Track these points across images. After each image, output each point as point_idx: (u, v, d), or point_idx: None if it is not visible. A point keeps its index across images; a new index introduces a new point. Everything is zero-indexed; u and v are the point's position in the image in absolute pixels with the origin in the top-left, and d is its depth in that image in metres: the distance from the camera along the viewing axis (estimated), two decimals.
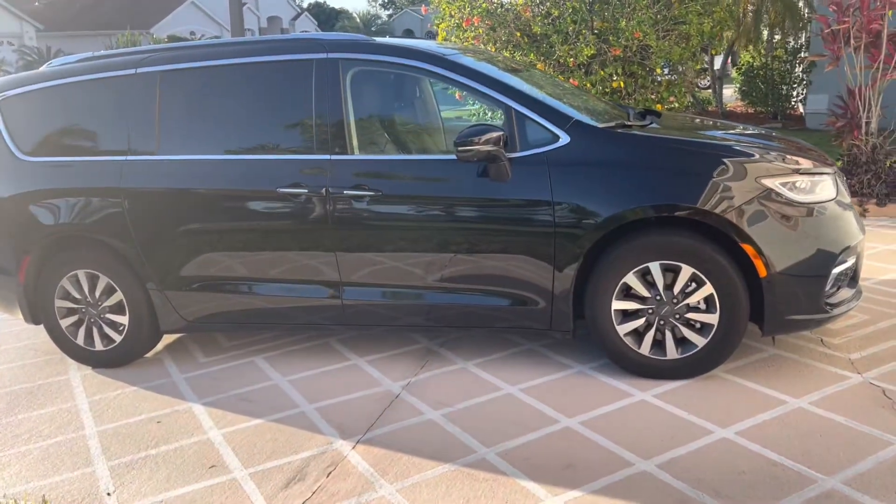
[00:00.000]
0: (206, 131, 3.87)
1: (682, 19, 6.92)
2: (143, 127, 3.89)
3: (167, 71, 3.92)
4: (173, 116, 3.89)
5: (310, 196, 3.62)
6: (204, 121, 3.88)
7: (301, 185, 3.63)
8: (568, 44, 6.74)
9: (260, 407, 3.52)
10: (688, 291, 3.36)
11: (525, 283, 3.50)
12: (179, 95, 3.90)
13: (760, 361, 3.63)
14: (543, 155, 3.42)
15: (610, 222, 3.33)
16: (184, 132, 3.88)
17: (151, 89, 3.91)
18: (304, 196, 3.63)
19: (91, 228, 3.93)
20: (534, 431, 3.11)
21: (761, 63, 13.64)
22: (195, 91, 3.91)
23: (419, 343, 4.16)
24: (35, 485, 2.98)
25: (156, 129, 3.88)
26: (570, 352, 3.89)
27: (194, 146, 3.85)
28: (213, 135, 3.85)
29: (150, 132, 3.88)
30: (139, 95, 3.92)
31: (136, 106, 3.92)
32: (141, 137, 3.89)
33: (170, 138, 3.86)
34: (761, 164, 3.35)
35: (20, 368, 4.20)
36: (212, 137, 3.85)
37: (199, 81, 3.91)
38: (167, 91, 3.89)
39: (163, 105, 3.88)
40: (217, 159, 3.80)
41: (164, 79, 3.90)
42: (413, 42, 4.17)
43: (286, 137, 3.79)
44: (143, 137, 3.89)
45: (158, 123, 3.88)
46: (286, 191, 3.65)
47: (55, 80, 4.13)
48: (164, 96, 3.89)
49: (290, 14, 47.00)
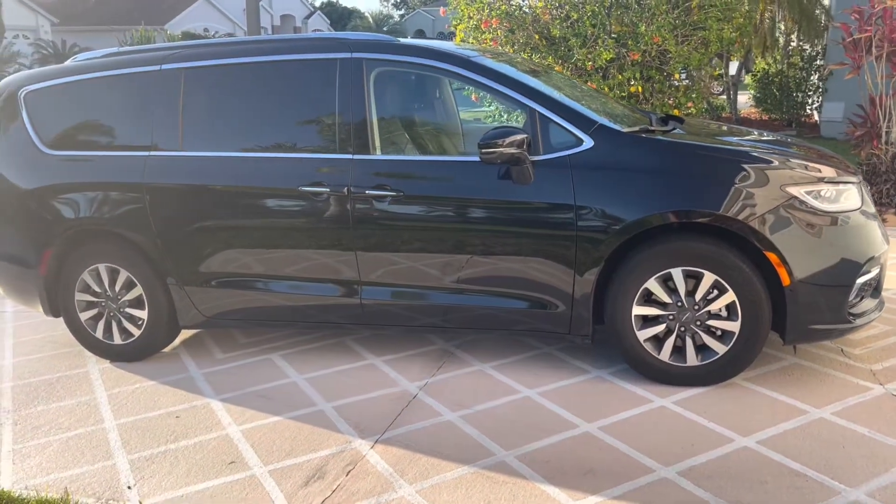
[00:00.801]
0: (229, 128, 3.88)
1: (702, 25, 6.90)
2: (167, 123, 3.91)
3: (191, 68, 3.93)
4: (196, 113, 3.90)
5: (331, 195, 3.63)
6: (227, 118, 3.89)
7: (322, 183, 3.64)
8: (586, 47, 6.73)
9: (278, 404, 3.52)
10: (709, 298, 3.35)
11: (545, 286, 3.49)
12: (203, 92, 3.92)
13: (781, 370, 3.62)
14: (567, 158, 3.42)
15: (632, 227, 3.32)
16: (207, 129, 3.89)
17: (175, 86, 3.92)
18: (326, 195, 3.64)
19: (112, 223, 3.95)
20: (553, 435, 3.11)
21: (777, 70, 13.59)
22: (219, 88, 3.92)
23: (435, 344, 4.16)
24: (56, 476, 2.99)
25: (179, 126, 3.89)
26: (587, 356, 3.88)
27: (217, 143, 3.86)
28: (235, 132, 3.87)
29: (174, 128, 3.89)
30: (163, 92, 3.93)
31: (160, 102, 3.94)
32: (164, 133, 3.90)
33: (193, 135, 3.88)
34: (786, 172, 3.33)
35: (39, 361, 4.22)
36: (234, 135, 3.86)
37: (223, 79, 3.92)
38: (191, 88, 3.91)
39: (186, 102, 3.90)
40: (238, 156, 3.81)
41: (188, 76, 3.92)
42: (436, 43, 4.17)
43: (308, 136, 3.80)
44: (166, 133, 3.90)
45: (182, 120, 3.89)
46: (308, 189, 3.66)
47: (79, 75, 4.15)
48: (188, 93, 3.90)
49: (303, 12, 47.11)
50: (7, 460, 3.14)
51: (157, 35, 28.90)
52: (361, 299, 3.76)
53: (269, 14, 41.25)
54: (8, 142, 4.19)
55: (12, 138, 4.18)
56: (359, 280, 3.74)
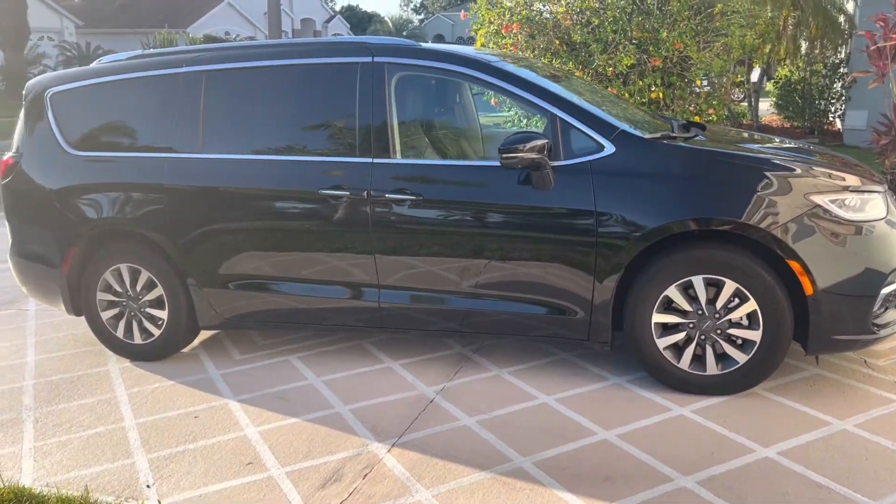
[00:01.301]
0: (250, 131, 3.90)
1: (724, 31, 6.85)
2: (187, 125, 3.94)
3: (211, 70, 3.96)
4: (217, 116, 3.93)
5: (351, 198, 3.64)
6: (248, 121, 3.92)
7: (342, 187, 3.65)
8: (607, 53, 6.70)
9: (295, 406, 3.53)
10: (731, 307, 3.32)
11: (564, 292, 3.48)
12: (224, 95, 3.94)
13: (803, 381, 3.58)
14: (587, 164, 3.41)
15: (653, 234, 3.30)
16: (227, 131, 3.92)
17: (196, 89, 3.95)
18: (346, 198, 3.65)
19: (135, 223, 3.99)
20: (570, 442, 3.09)
21: (799, 77, 13.46)
22: (240, 91, 3.95)
23: (452, 348, 4.15)
24: (76, 474, 3.02)
25: (199, 128, 3.92)
26: (605, 363, 3.86)
27: (236, 146, 3.88)
28: (255, 135, 3.89)
29: (194, 131, 3.92)
30: (184, 94, 3.97)
31: (181, 104, 3.97)
32: (184, 136, 3.93)
33: (213, 137, 3.91)
34: (809, 180, 3.30)
35: (60, 359, 4.27)
36: (254, 137, 3.88)
37: (244, 82, 3.95)
38: (211, 90, 3.94)
39: (206, 104, 3.93)
40: (258, 159, 3.84)
41: (209, 78, 3.95)
42: (457, 48, 4.18)
43: (329, 139, 3.82)
44: (187, 136, 3.93)
45: (202, 122, 3.92)
46: (327, 192, 3.67)
47: (104, 77, 4.20)
48: (208, 96, 3.93)
49: (324, 17, 47.38)
50: (28, 457, 3.18)
51: (179, 38, 29.19)
52: (380, 302, 3.76)
53: (290, 18, 41.52)
54: (34, 142, 4.25)
55: (38, 139, 4.24)
56: (377, 283, 3.74)
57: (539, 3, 7.58)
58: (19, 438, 3.34)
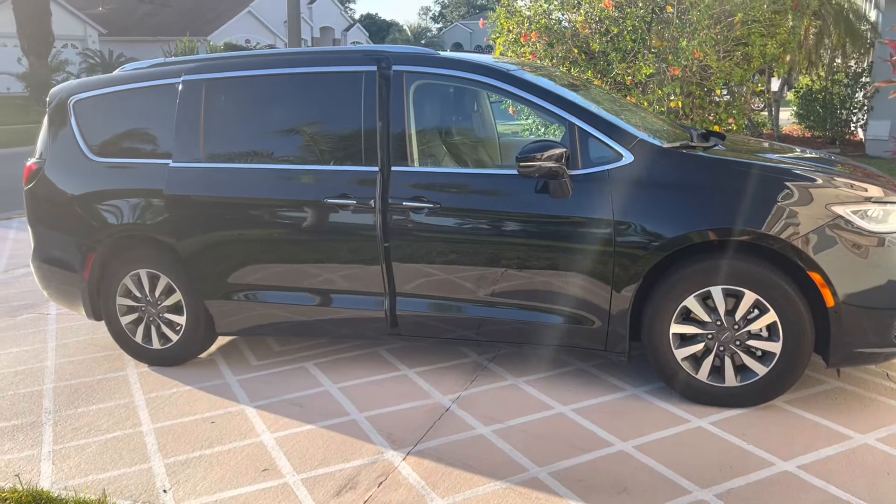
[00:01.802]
0: (261, 140, 3.92)
1: (744, 40, 6.82)
2: (190, 133, 3.96)
3: (218, 79, 3.97)
4: (224, 123, 3.95)
5: (367, 207, 3.64)
6: (260, 130, 3.93)
7: (359, 196, 3.65)
8: (626, 62, 6.69)
9: (311, 413, 3.54)
10: (750, 318, 3.29)
11: (581, 301, 3.46)
12: (238, 103, 3.96)
13: (823, 394, 3.53)
14: (606, 173, 3.39)
15: (672, 244, 3.28)
16: (245, 139, 3.93)
17: (197, 97, 3.97)
18: (361, 207, 3.65)
19: (153, 229, 4.02)
20: (587, 453, 3.07)
21: (820, 86, 13.34)
22: (256, 99, 3.96)
23: (468, 357, 4.14)
24: (94, 478, 3.04)
25: (200, 135, 3.94)
26: (622, 373, 3.83)
27: (246, 155, 3.89)
28: (264, 144, 3.90)
29: (218, 138, 3.94)
30: (187, 102, 3.99)
31: (185, 112, 3.99)
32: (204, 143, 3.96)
33: (214, 144, 3.92)
34: (831, 191, 3.27)
35: (80, 363, 4.31)
36: (264, 146, 3.90)
37: (261, 89, 3.96)
38: (220, 98, 3.95)
39: (207, 110, 3.95)
40: (273, 168, 3.84)
41: (208, 86, 3.97)
42: (476, 56, 4.18)
43: (347, 147, 3.82)
44: (195, 143, 3.95)
45: (203, 130, 3.94)
46: (336, 201, 3.67)
47: (124, 85, 4.25)
48: (210, 103, 3.95)
49: (343, 25, 47.71)
50: (47, 461, 3.20)
51: (200, 46, 29.51)
52: (396, 310, 3.76)
53: (310, 26, 41.85)
54: (57, 148, 4.30)
55: (61, 145, 4.29)
56: (393, 291, 3.74)
57: (558, 12, 7.59)
58: (38, 442, 3.37)
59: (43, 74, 24.90)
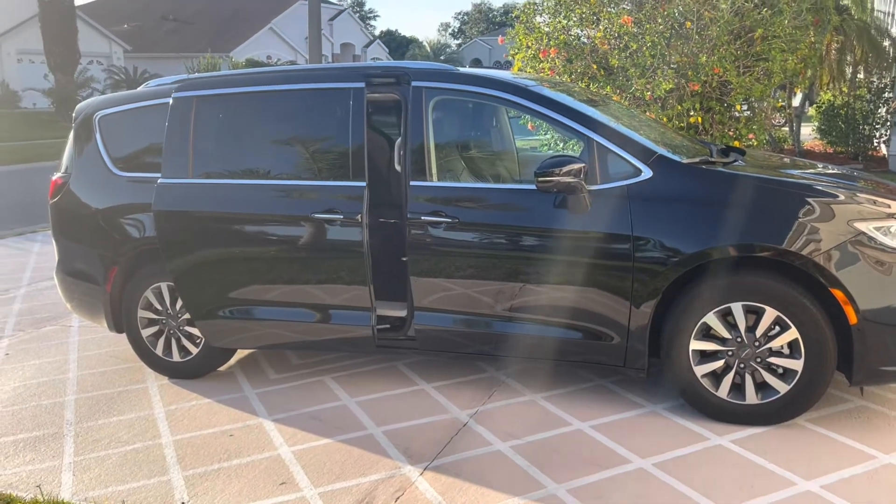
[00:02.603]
0: (248, 157, 3.95)
1: (765, 55, 6.78)
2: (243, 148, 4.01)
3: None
4: (209, 140, 4.00)
5: (354, 221, 3.64)
6: (247, 146, 3.97)
7: (346, 210, 3.66)
8: (645, 77, 6.68)
9: (329, 427, 3.55)
10: (771, 335, 3.25)
11: (600, 317, 3.45)
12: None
13: (846, 412, 3.48)
14: (625, 188, 3.39)
15: (692, 260, 3.26)
16: (223, 157, 3.98)
17: (186, 114, 4.01)
18: (348, 221, 3.65)
19: None
20: (605, 470, 3.04)
21: (842, 102, 13.25)
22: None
23: (486, 372, 4.13)
24: (114, 489, 3.07)
25: (186, 152, 3.99)
26: (640, 390, 3.80)
27: (233, 172, 3.93)
28: (251, 160, 3.94)
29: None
30: (175, 119, 4.03)
31: (175, 128, 4.03)
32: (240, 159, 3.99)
33: (202, 161, 3.98)
34: (853, 207, 3.24)
35: (101, 375, 4.35)
36: (251, 162, 3.93)
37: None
38: (203, 115, 4.00)
39: (196, 129, 3.99)
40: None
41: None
42: (494, 72, 4.21)
43: (333, 163, 3.83)
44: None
45: (192, 147, 3.99)
46: (323, 216, 3.69)
47: (147, 101, 4.31)
48: (197, 121, 4.00)
49: (363, 41, 48.15)
50: (68, 471, 3.23)
51: (223, 62, 29.92)
52: (413, 325, 3.77)
53: (330, 42, 42.28)
54: (82, 163, 4.38)
55: (87, 159, 4.37)
56: (411, 305, 3.75)
57: (577, 28, 7.61)
58: (60, 453, 3.41)
59: (69, 90, 25.37)
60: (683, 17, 7.00)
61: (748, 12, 6.69)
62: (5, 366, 4.55)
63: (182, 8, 40.32)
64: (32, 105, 28.49)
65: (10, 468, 3.28)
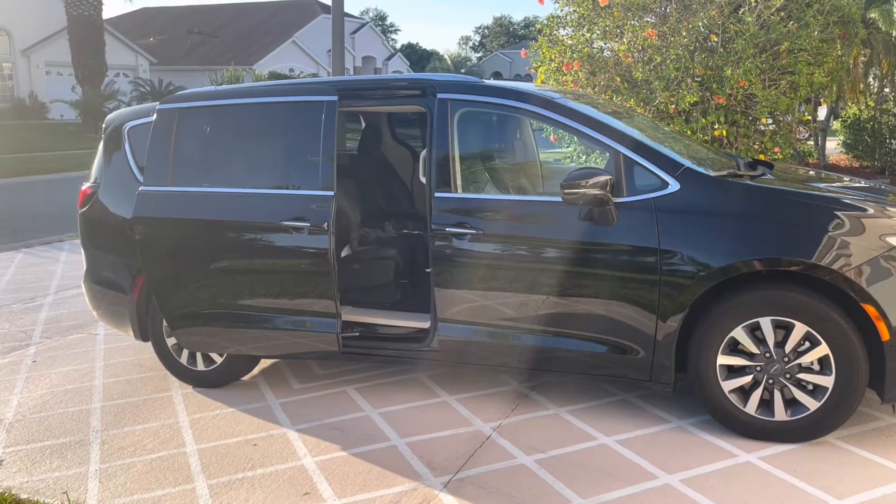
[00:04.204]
0: (246, 166, 4.00)
1: (791, 69, 6.73)
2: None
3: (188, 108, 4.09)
4: (189, 151, 4.07)
5: (321, 229, 3.68)
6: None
7: (314, 219, 3.69)
8: (669, 90, 6.66)
9: (352, 437, 3.54)
10: (801, 350, 3.20)
11: (626, 331, 3.42)
12: (206, 132, 4.07)
13: (878, 430, 3.41)
14: (651, 201, 3.37)
15: (720, 273, 3.23)
16: (201, 167, 4.06)
17: (169, 125, 4.08)
18: (315, 229, 3.68)
19: None
20: (631, 485, 3.01)
21: (869, 116, 13.10)
22: (225, 128, 4.06)
23: (509, 385, 4.11)
24: (139, 497, 3.08)
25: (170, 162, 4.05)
26: (666, 405, 3.76)
27: (209, 181, 3.99)
28: (247, 169, 3.99)
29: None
30: (159, 129, 4.11)
31: (157, 139, 4.10)
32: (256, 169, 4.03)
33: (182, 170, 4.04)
34: (884, 221, 3.20)
35: (127, 383, 4.39)
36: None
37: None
38: (185, 127, 4.07)
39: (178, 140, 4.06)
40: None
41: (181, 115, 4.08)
42: (519, 84, 4.21)
43: (303, 173, 3.86)
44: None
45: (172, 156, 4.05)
46: (291, 224, 3.73)
47: None
48: (180, 132, 4.06)
49: (385, 54, 48.52)
50: (94, 479, 3.26)
51: (246, 74, 30.28)
52: (437, 336, 3.76)
53: (352, 56, 42.65)
54: (111, 173, 4.44)
55: (115, 170, 4.42)
56: (434, 317, 3.74)
57: (600, 41, 7.60)
58: (86, 460, 3.43)
59: (96, 102, 25.77)
60: (708, 30, 6.97)
61: (774, 25, 6.65)
62: (33, 373, 4.61)
63: (207, 21, 40.94)
64: (60, 116, 28.99)
65: (37, 474, 3.31)
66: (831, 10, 7.10)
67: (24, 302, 6.27)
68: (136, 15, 42.86)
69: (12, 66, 31.70)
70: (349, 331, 3.96)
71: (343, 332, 3.85)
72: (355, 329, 4.01)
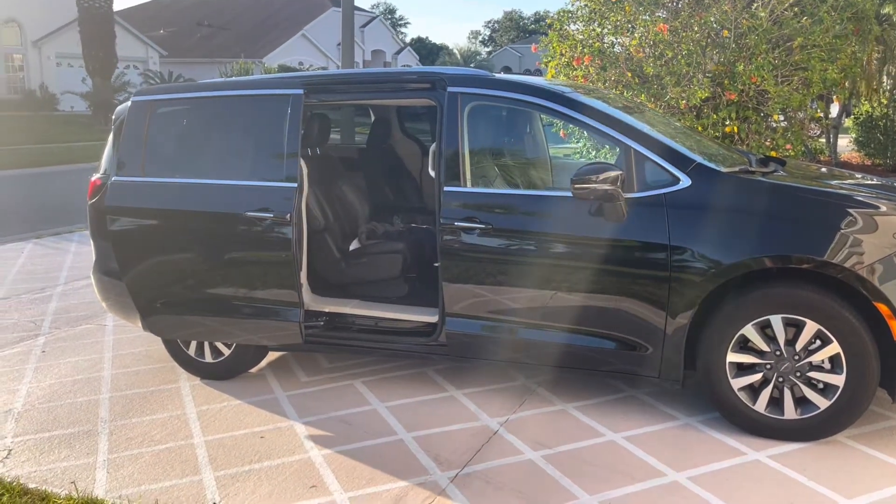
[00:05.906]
0: (215, 158, 4.03)
1: (804, 65, 6.68)
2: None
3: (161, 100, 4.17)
4: (161, 142, 4.12)
5: (284, 220, 3.71)
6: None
7: (277, 210, 3.72)
8: (680, 86, 6.61)
9: (359, 431, 3.54)
10: (811, 349, 3.18)
11: (635, 327, 3.40)
12: (179, 125, 4.12)
13: (889, 430, 3.38)
14: (662, 197, 3.34)
15: (730, 270, 3.20)
16: (172, 158, 4.09)
17: (142, 117, 4.15)
18: (278, 220, 3.72)
19: None
20: (638, 482, 3.00)
21: (881, 113, 13.00)
22: (196, 121, 4.10)
23: (516, 380, 4.10)
24: (147, 488, 3.09)
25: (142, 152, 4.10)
26: (675, 402, 3.74)
27: (178, 172, 4.03)
28: (215, 161, 4.01)
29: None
30: (132, 121, 4.16)
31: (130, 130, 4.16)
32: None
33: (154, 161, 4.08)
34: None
35: (135, 374, 4.40)
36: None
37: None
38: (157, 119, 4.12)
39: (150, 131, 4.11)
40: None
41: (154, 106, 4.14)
42: (530, 79, 4.19)
43: (269, 165, 3.88)
44: None
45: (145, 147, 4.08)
46: (255, 215, 3.76)
47: None
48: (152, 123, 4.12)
49: (394, 48, 48.46)
50: (102, 469, 3.27)
51: (255, 67, 30.30)
52: (445, 330, 3.75)
53: (361, 49, 42.63)
54: None
55: None
56: (443, 311, 3.73)
57: (611, 35, 7.56)
58: (94, 450, 3.44)
59: (106, 94, 25.86)
60: (720, 26, 6.92)
61: (787, 20, 6.59)
62: (42, 363, 4.63)
63: (217, 14, 40.99)
64: (70, 108, 29.11)
65: (46, 464, 3.33)
66: (845, 6, 7.03)
67: (34, 292, 6.30)
68: (146, 7, 42.98)
69: (23, 57, 31.86)
70: (314, 320, 4.03)
71: (306, 322, 3.89)
72: (320, 319, 4.08)
